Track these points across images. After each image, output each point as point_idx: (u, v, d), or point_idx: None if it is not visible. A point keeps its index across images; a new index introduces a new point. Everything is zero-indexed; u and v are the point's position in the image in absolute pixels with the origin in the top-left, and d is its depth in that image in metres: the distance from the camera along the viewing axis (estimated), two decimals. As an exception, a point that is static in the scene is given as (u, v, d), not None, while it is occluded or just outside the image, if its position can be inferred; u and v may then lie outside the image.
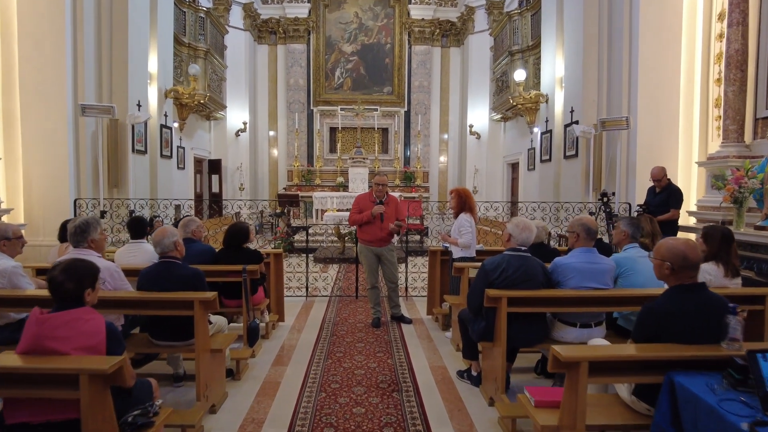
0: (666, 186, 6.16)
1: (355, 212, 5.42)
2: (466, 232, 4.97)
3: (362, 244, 5.50)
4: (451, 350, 4.81)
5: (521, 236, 3.46)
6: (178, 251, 3.40)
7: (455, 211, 5.16)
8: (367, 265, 5.49)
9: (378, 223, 5.31)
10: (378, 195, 5.37)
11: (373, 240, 5.38)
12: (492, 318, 3.46)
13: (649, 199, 6.28)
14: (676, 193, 6.10)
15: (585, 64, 7.94)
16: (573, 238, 3.58)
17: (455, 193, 5.20)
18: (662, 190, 6.16)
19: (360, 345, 4.86)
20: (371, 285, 5.51)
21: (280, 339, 5.08)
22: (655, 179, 6.17)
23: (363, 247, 5.49)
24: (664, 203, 6.05)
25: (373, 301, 5.55)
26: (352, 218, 5.46)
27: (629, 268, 3.57)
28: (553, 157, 9.20)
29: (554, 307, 3.40)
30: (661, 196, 6.13)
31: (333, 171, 15.51)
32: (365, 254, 5.48)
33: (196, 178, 14.15)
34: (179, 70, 11.01)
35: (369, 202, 5.38)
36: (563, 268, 3.49)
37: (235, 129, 15.11)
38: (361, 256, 5.55)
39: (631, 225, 3.74)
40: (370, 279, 5.50)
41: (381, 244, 5.41)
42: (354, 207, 5.48)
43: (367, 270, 5.50)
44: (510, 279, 3.37)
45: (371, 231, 5.36)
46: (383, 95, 16.28)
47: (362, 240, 5.49)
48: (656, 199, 6.17)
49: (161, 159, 8.95)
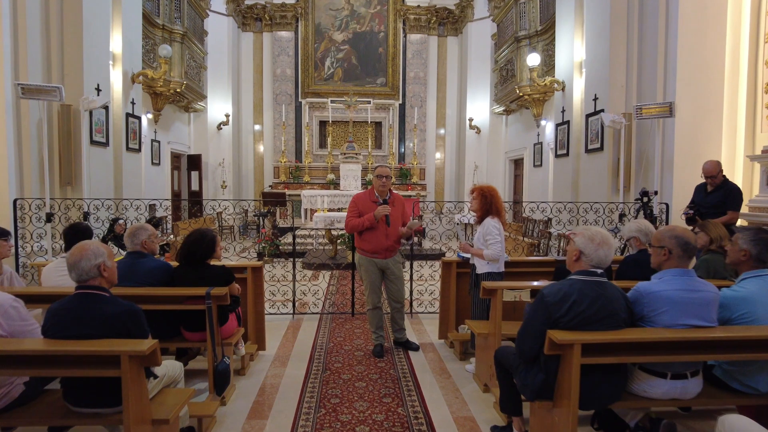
0: (721, 184, 5.22)
1: (353, 215, 4.37)
2: (495, 241, 3.96)
3: (363, 255, 4.42)
4: (475, 390, 3.80)
5: (597, 254, 2.45)
6: (104, 278, 2.35)
7: (479, 214, 4.14)
8: (368, 281, 4.43)
9: (383, 228, 4.29)
10: (381, 192, 4.36)
11: (378, 250, 4.34)
12: (554, 369, 2.46)
13: (699, 199, 5.35)
14: (735, 193, 5.17)
15: (613, 45, 6.96)
16: (660, 255, 2.58)
17: (478, 192, 4.15)
18: (716, 188, 5.23)
19: (360, 385, 3.83)
20: (373, 305, 4.47)
21: (260, 375, 4.03)
22: (709, 175, 5.22)
23: (364, 259, 4.42)
24: (720, 204, 5.10)
25: (374, 324, 4.52)
26: (349, 224, 4.38)
27: (749, 313, 2.57)
28: (571, 152, 8.23)
29: (648, 355, 2.40)
30: (715, 196, 5.20)
31: (323, 167, 14.45)
32: (366, 268, 4.41)
33: (174, 175, 13.03)
34: (152, 54, 9.88)
35: (370, 203, 4.36)
36: (653, 299, 2.49)
37: (216, 122, 14.00)
38: (361, 270, 4.47)
39: (757, 242, 2.67)
40: (372, 298, 4.45)
41: (387, 255, 4.39)
42: (351, 209, 4.42)
43: (369, 287, 4.44)
44: (583, 316, 2.37)
45: (374, 239, 4.32)
46: (376, 87, 15.24)
47: (362, 250, 4.42)
48: (709, 199, 5.24)
49: (127, 153, 7.84)
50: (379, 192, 4.36)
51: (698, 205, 5.26)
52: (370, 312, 4.51)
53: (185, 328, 3.44)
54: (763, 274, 2.69)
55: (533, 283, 3.56)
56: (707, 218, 4.90)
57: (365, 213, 4.29)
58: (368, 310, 4.53)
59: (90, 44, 6.60)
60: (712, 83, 6.31)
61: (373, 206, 4.31)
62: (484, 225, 4.07)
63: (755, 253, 2.70)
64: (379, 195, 4.36)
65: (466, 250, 4.11)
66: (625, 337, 2.33)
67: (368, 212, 4.27)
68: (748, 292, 2.64)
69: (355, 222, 4.32)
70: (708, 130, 6.31)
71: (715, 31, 6.31)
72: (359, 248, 4.44)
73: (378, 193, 4.36)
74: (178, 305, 3.25)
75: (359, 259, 4.46)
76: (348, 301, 6.03)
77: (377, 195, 4.36)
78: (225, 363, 3.28)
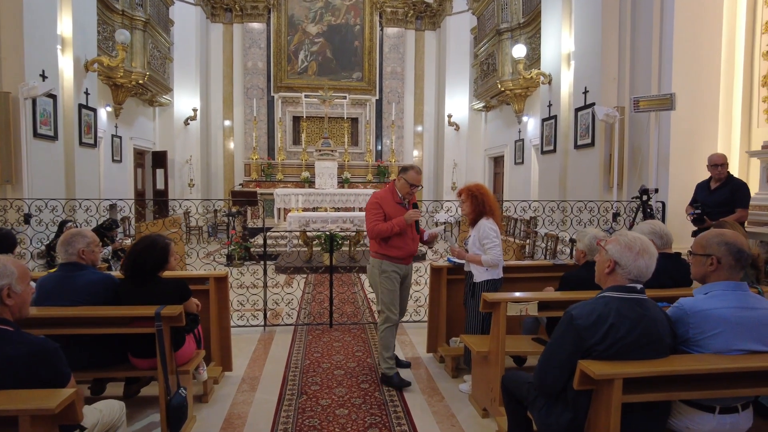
0: (726, 180, 4.90)
1: (377, 219, 3.73)
2: (493, 245, 3.52)
3: (389, 262, 3.77)
4: (472, 415, 3.33)
5: (636, 265, 2.00)
6: (8, 308, 1.78)
7: (471, 217, 3.69)
8: (391, 291, 3.79)
9: (411, 232, 3.80)
10: (405, 194, 3.83)
11: (405, 256, 3.81)
12: (585, 406, 2.00)
13: (702, 197, 5.00)
14: (742, 189, 4.84)
15: (604, 35, 6.60)
16: (706, 265, 2.15)
17: (467, 193, 3.69)
18: (721, 185, 4.91)
19: (342, 412, 3.32)
20: (393, 322, 3.81)
21: (225, 402, 3.48)
22: (719, 163, 4.86)
23: (390, 265, 3.77)
24: (727, 201, 4.76)
25: (391, 346, 3.82)
26: (375, 228, 3.70)
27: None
28: (558, 148, 7.86)
29: (700, 390, 1.96)
30: (721, 193, 4.86)
31: (297, 165, 13.83)
32: (390, 275, 3.78)
33: (137, 173, 12.26)
34: (110, 42, 9.13)
35: (395, 205, 3.78)
36: (701, 318, 2.06)
37: (183, 117, 13.26)
38: (381, 278, 3.79)
39: None
40: (392, 313, 3.80)
41: (409, 261, 3.91)
42: (374, 211, 3.75)
43: (390, 300, 3.78)
44: (623, 343, 1.92)
45: (404, 244, 3.76)
46: (352, 81, 14.70)
47: (389, 257, 3.77)
48: (714, 196, 4.89)
49: (81, 148, 7.12)
50: (403, 194, 3.82)
51: (702, 203, 4.89)
52: (389, 331, 3.80)
53: (133, 354, 2.87)
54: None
55: (541, 295, 3.11)
56: (715, 217, 4.56)
57: (391, 216, 3.72)
58: (387, 328, 3.78)
59: (32, 24, 5.89)
60: (708, 76, 6.02)
61: (399, 208, 3.76)
62: (479, 227, 3.62)
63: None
64: (403, 196, 3.82)
65: (461, 256, 3.64)
66: (676, 368, 1.89)
67: (395, 215, 3.72)
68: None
69: (384, 227, 3.67)
70: (704, 125, 6.02)
71: (712, 21, 6.02)
72: (385, 255, 3.78)
73: (402, 195, 3.82)
74: (123, 328, 2.69)
75: (381, 265, 3.78)
76: (325, 311, 5.50)
77: (400, 195, 3.81)
78: (181, 395, 2.73)
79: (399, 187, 3.81)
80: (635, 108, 5.79)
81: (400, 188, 3.80)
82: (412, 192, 3.80)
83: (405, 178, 3.77)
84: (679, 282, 3.19)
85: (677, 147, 5.94)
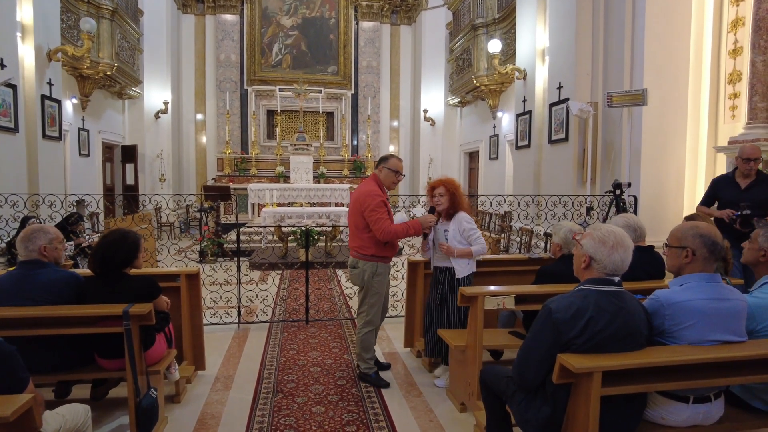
0: (759, 177, 4.25)
1: (387, 218, 3.47)
2: (478, 235, 3.57)
3: (384, 264, 3.62)
4: (450, 410, 3.32)
5: (612, 260, 1.99)
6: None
7: (448, 212, 3.64)
8: (380, 296, 3.66)
9: None
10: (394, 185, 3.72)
11: (394, 253, 3.71)
12: (564, 400, 2.00)
13: (730, 197, 4.29)
14: None
15: (578, 31, 6.66)
16: (682, 257, 2.17)
17: (443, 187, 3.60)
18: (755, 181, 4.23)
19: (319, 410, 3.27)
20: (375, 325, 3.70)
21: (199, 402, 3.39)
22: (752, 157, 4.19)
23: (384, 268, 3.62)
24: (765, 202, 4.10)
25: (371, 348, 3.72)
26: (392, 229, 3.42)
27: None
28: (533, 143, 7.93)
29: (676, 381, 1.98)
30: (759, 191, 4.17)
31: (272, 159, 13.64)
32: (384, 278, 3.64)
33: (106, 168, 11.90)
34: (75, 31, 8.80)
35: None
36: (676, 310, 2.08)
37: (154, 110, 12.92)
38: (374, 282, 3.59)
39: None
40: (377, 317, 3.71)
41: None
42: (380, 209, 3.44)
43: (378, 303, 3.65)
44: (602, 336, 1.92)
45: (397, 243, 3.70)
46: (327, 75, 14.55)
47: (385, 259, 3.62)
48: (750, 194, 4.18)
49: (44, 141, 6.84)
50: (388, 184, 3.64)
51: (734, 203, 4.17)
52: (371, 334, 3.66)
53: (100, 355, 2.76)
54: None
55: (519, 288, 3.11)
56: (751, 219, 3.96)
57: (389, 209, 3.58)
58: (369, 331, 3.65)
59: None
60: (677, 72, 6.13)
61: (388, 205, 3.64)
62: (459, 221, 3.61)
63: (783, 253, 2.35)
64: (388, 187, 3.67)
65: (450, 253, 3.57)
66: (654, 360, 1.90)
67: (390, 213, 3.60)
68: (778, 299, 2.28)
69: (399, 228, 3.44)
70: (674, 121, 6.13)
71: (681, 19, 6.12)
72: (380, 256, 3.57)
73: (387, 186, 3.65)
74: (89, 328, 2.57)
75: (375, 268, 3.57)
76: (301, 307, 5.43)
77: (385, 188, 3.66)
78: (151, 397, 2.63)
79: (383, 177, 3.61)
80: (608, 103, 5.86)
81: (384, 179, 3.61)
82: (397, 180, 3.65)
83: (387, 167, 3.60)
84: (653, 275, 3.23)
85: (648, 142, 6.04)
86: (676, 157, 6.17)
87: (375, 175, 3.66)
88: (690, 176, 6.29)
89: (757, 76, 5.31)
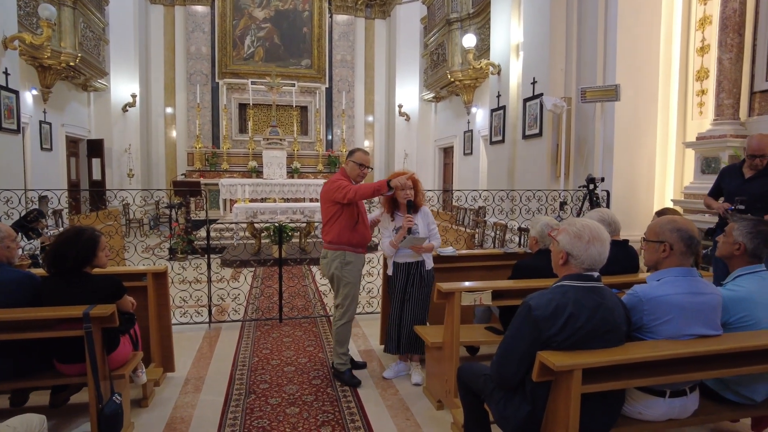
0: (766, 168, 3.91)
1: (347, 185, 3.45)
2: (436, 228, 3.67)
3: (352, 253, 3.54)
4: (427, 407, 3.28)
5: (589, 254, 1.96)
6: None
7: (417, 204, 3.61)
8: (354, 286, 3.59)
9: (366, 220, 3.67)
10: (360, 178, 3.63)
11: (366, 244, 3.64)
12: (543, 398, 1.96)
13: (732, 187, 4.05)
14: None
15: (552, 27, 6.68)
16: (660, 251, 2.16)
17: (413, 181, 3.56)
18: (760, 173, 3.92)
19: (293, 411, 3.18)
20: (351, 318, 3.63)
21: (167, 405, 3.26)
22: (758, 154, 3.84)
23: (353, 256, 3.55)
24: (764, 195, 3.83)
25: (346, 342, 3.66)
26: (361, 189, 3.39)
27: (748, 315, 2.23)
28: (507, 138, 7.95)
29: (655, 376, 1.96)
30: (760, 183, 3.88)
31: (244, 154, 13.39)
32: (356, 266, 3.57)
33: (70, 162, 11.47)
34: (34, 18, 8.41)
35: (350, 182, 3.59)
36: (655, 305, 2.06)
37: (121, 103, 12.54)
38: (347, 271, 3.53)
39: (755, 235, 2.32)
40: (353, 308, 3.63)
41: (365, 250, 3.75)
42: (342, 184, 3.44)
43: (353, 293, 3.59)
44: (582, 332, 1.89)
45: (365, 230, 3.60)
46: (301, 69, 14.34)
47: (353, 246, 3.54)
48: (752, 186, 3.91)
49: (0, 134, 6.52)
50: (354, 177, 3.59)
51: (734, 194, 3.97)
52: (345, 327, 3.61)
53: (59, 360, 2.61)
54: (759, 271, 2.38)
55: (496, 283, 3.08)
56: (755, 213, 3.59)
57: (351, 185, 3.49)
58: (344, 324, 3.59)
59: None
60: (648, 69, 6.21)
61: None
62: (425, 215, 3.65)
63: (751, 248, 2.37)
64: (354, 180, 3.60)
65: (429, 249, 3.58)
66: (633, 356, 1.88)
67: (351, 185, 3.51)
68: (747, 292, 2.30)
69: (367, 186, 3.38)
70: (645, 116, 6.22)
71: (651, 16, 6.21)
72: (348, 243, 3.52)
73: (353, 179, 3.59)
74: (46, 331, 2.43)
75: (344, 256, 3.51)
76: (275, 305, 5.31)
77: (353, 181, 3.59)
78: (115, 402, 2.50)
79: (349, 170, 3.61)
80: (582, 98, 5.90)
81: (350, 172, 3.61)
82: (363, 174, 3.62)
83: (353, 160, 3.59)
84: (628, 268, 3.25)
85: (621, 137, 6.11)
86: (647, 152, 6.26)
87: (342, 169, 3.67)
88: (660, 171, 6.40)
89: (724, 73, 5.42)
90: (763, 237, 2.32)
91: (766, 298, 2.29)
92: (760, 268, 2.37)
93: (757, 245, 2.33)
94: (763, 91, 5.34)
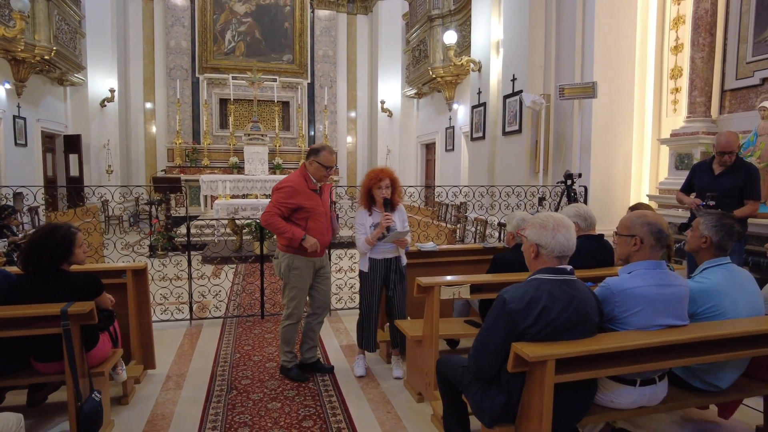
0: (735, 164, 3.96)
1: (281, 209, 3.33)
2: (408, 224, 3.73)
3: (302, 257, 3.42)
4: (408, 400, 3.33)
5: (557, 241, 2.01)
6: None
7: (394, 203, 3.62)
8: (300, 288, 3.49)
9: (326, 221, 3.50)
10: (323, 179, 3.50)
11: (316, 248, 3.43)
12: (518, 389, 2.02)
13: (703, 183, 4.09)
14: (755, 176, 3.93)
15: (531, 24, 6.77)
16: (631, 245, 2.24)
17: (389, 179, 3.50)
18: (729, 168, 3.97)
19: (274, 406, 3.20)
20: (297, 318, 3.58)
21: (148, 402, 3.25)
22: (726, 151, 3.90)
23: (301, 260, 3.42)
24: (737, 189, 3.90)
25: (293, 341, 3.63)
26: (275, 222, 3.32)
27: (715, 306, 2.32)
28: (487, 135, 8.03)
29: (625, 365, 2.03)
30: (730, 179, 3.93)
31: (225, 150, 13.26)
32: (301, 272, 3.45)
33: (47, 158, 11.25)
34: (6, 10, 8.22)
35: (309, 192, 3.43)
36: (625, 297, 2.14)
37: (99, 98, 12.30)
38: (292, 276, 3.44)
39: (719, 228, 2.42)
40: (300, 310, 3.57)
41: (323, 252, 3.63)
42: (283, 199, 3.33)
43: (299, 296, 3.50)
44: (555, 324, 1.95)
45: (320, 235, 3.43)
46: (283, 64, 14.24)
47: (300, 250, 3.40)
48: (722, 181, 3.95)
49: (-26, 129, 6.38)
50: (317, 178, 3.44)
51: (705, 189, 4.00)
52: (291, 327, 3.55)
53: (36, 359, 2.59)
54: (724, 263, 2.47)
55: (474, 278, 3.14)
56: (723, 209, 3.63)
57: (305, 206, 3.36)
58: (289, 325, 3.53)
59: None
60: (625, 67, 6.34)
61: (312, 195, 3.42)
62: (401, 213, 3.69)
63: (716, 240, 2.46)
64: (317, 180, 3.46)
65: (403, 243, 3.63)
66: (605, 346, 1.94)
67: (309, 205, 3.38)
68: (713, 284, 2.40)
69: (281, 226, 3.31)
70: (622, 114, 6.34)
71: (628, 14, 6.32)
72: (294, 247, 3.40)
73: (316, 179, 3.45)
74: (22, 330, 2.41)
75: (292, 260, 3.42)
76: (256, 302, 5.31)
77: (314, 181, 3.46)
78: (94, 400, 2.50)
79: (312, 171, 3.42)
80: (560, 95, 5.99)
81: (313, 173, 3.42)
82: (328, 174, 3.45)
83: (318, 161, 3.38)
84: (603, 262, 3.33)
85: (598, 134, 6.23)
86: (623, 148, 6.39)
87: (303, 167, 3.47)
88: (636, 167, 6.54)
89: (696, 72, 5.56)
90: (727, 229, 2.42)
91: (731, 290, 2.38)
92: (725, 260, 2.47)
93: (722, 237, 2.42)
94: (733, 89, 5.49)
